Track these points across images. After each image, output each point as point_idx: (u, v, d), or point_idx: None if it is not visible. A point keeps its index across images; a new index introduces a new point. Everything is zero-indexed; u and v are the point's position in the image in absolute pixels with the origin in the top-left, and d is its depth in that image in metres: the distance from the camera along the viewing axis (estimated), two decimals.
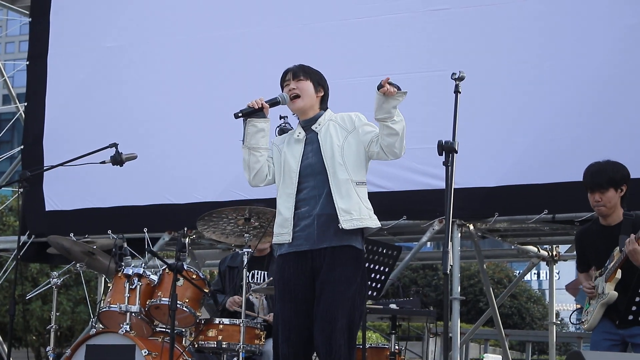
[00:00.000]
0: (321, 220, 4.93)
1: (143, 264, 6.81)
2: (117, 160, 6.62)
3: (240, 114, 5.07)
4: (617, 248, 5.72)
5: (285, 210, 5.02)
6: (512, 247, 10.31)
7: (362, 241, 5.00)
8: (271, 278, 6.84)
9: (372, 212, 5.03)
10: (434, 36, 8.36)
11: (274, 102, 5.13)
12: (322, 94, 5.17)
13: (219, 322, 6.40)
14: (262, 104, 5.05)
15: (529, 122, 7.96)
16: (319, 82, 5.17)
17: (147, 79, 9.59)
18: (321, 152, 5.00)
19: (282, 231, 5.02)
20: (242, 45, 9.14)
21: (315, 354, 5.02)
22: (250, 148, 5.08)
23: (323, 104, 5.18)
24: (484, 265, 10.30)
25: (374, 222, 4.99)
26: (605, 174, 5.84)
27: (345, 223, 4.88)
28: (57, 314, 6.97)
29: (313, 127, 5.09)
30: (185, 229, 8.69)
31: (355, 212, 4.91)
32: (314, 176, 4.98)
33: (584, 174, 5.94)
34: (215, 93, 9.13)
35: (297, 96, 5.10)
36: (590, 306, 5.91)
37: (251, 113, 5.06)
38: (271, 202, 6.36)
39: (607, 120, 7.73)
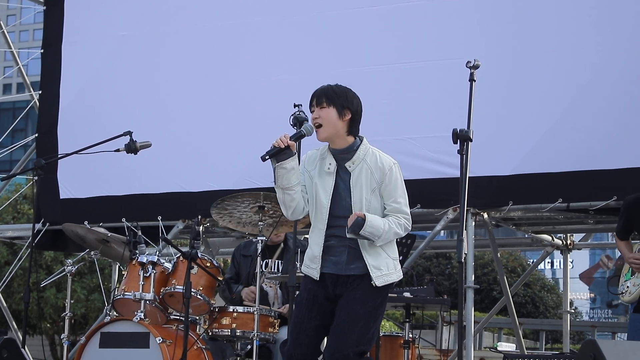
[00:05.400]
0: (352, 250, 4.90)
1: (157, 252, 6.81)
2: (132, 148, 6.64)
3: (267, 157, 4.81)
4: None
5: (315, 246, 4.96)
6: (526, 235, 10.27)
7: None
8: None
9: (397, 261, 5.01)
10: (449, 24, 8.32)
11: (299, 137, 4.93)
12: (349, 117, 4.89)
13: (233, 310, 6.43)
14: (287, 143, 4.80)
15: (544, 110, 7.92)
16: (344, 104, 4.88)
17: (161, 67, 9.59)
18: (351, 200, 4.88)
19: (312, 266, 4.97)
20: (258, 34, 9.11)
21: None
22: (284, 188, 4.89)
23: (352, 128, 4.92)
24: (498, 254, 10.27)
25: (398, 274, 4.98)
26: None
27: (378, 280, 4.85)
28: (72, 301, 6.97)
29: (346, 165, 4.91)
30: (200, 217, 8.70)
31: (384, 268, 4.89)
32: (346, 219, 4.84)
33: None
34: (230, 81, 9.12)
35: (320, 126, 4.90)
36: (634, 278, 5.89)
37: (277, 153, 4.80)
38: None
39: (622, 109, 7.68)
